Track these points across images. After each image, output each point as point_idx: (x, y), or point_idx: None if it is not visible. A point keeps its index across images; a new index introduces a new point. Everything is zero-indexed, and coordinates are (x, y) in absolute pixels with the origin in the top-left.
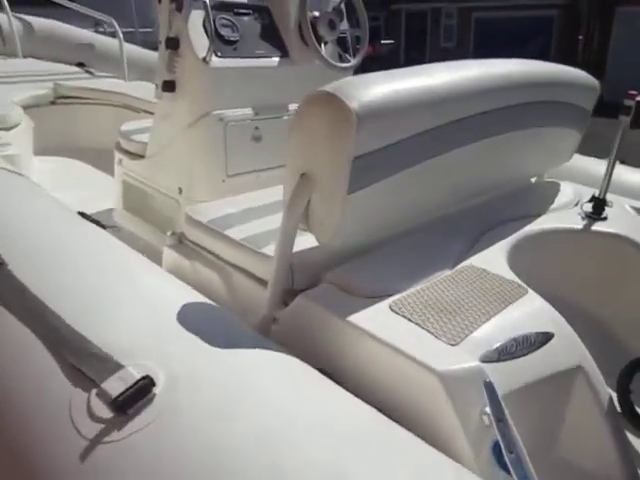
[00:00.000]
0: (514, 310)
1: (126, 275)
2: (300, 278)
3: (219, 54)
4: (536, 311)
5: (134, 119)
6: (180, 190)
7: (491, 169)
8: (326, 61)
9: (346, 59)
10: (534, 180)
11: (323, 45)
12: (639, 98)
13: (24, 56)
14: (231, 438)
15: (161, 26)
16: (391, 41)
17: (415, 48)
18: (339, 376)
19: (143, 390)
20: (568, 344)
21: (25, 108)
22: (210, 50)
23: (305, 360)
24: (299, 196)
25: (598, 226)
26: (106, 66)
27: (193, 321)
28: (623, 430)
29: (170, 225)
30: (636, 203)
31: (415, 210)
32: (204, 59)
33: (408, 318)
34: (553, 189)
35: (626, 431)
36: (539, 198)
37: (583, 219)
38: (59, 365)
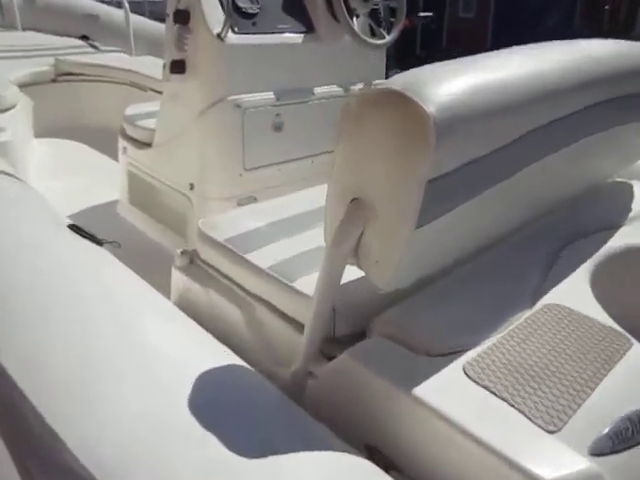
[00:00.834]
0: (620, 373)
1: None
2: (343, 324)
3: (236, 29)
4: None
5: (141, 98)
6: (192, 186)
7: (570, 177)
8: (359, 37)
9: (380, 35)
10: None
11: (355, 19)
12: None
13: (24, 29)
14: None
15: None
16: (429, 14)
17: (432, 19)
18: (393, 458)
19: None
20: None
21: (23, 86)
22: (226, 25)
23: (348, 431)
24: (349, 228)
25: None
26: (112, 39)
27: (205, 409)
28: None
29: (181, 224)
30: None
31: (487, 234)
32: (219, 35)
33: (491, 390)
34: (627, 192)
35: None
36: (614, 204)
37: None
38: None
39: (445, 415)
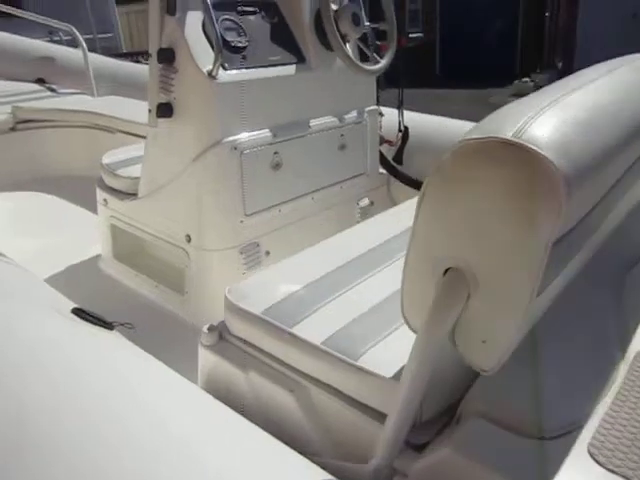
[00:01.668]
0: None
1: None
2: (431, 407)
3: (226, 65)
4: None
5: (109, 140)
6: (188, 237)
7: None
8: (354, 64)
9: (373, 59)
10: None
11: (347, 45)
12: None
13: None
14: None
15: (150, 35)
16: (419, 34)
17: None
18: None
19: None
20: None
21: None
22: (217, 61)
23: None
24: (448, 304)
25: None
26: (69, 80)
27: None
28: None
29: (177, 280)
30: None
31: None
32: (210, 73)
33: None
34: None
35: None
36: None
37: None
38: None
39: None
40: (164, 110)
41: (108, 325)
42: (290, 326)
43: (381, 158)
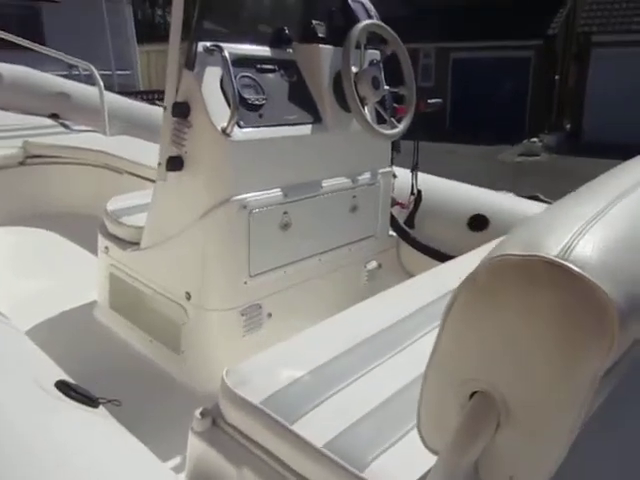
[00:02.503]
0: None
1: None
2: None
3: (242, 123)
4: None
5: (116, 181)
6: (188, 295)
7: None
8: (371, 128)
9: (390, 122)
10: None
11: (365, 108)
12: None
13: None
14: None
15: (167, 88)
16: (439, 100)
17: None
18: None
19: None
20: None
21: None
22: (233, 119)
23: None
24: (476, 431)
25: None
26: (83, 117)
27: None
28: None
29: (174, 338)
30: None
31: None
32: (224, 131)
33: None
34: None
35: None
36: None
37: None
38: None
39: None
40: (174, 163)
41: (93, 403)
42: (291, 421)
43: (392, 221)
